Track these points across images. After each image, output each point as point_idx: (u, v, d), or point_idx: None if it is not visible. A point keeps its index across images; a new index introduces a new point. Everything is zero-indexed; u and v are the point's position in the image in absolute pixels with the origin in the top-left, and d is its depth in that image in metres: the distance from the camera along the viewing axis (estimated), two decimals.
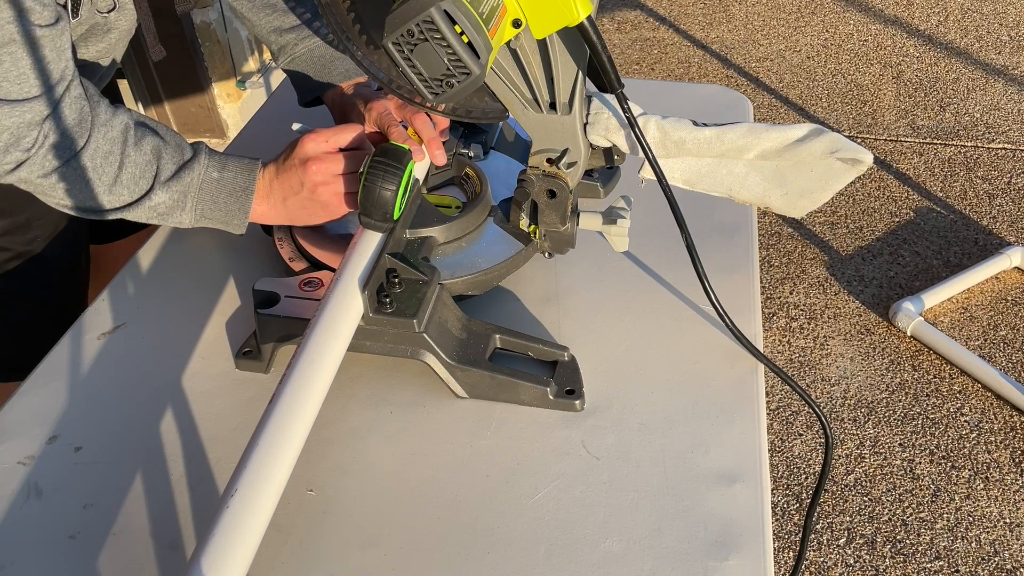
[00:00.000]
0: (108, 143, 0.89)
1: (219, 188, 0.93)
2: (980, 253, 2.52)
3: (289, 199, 0.94)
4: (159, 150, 0.92)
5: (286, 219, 0.96)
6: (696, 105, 1.38)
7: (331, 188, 0.92)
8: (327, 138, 0.93)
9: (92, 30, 0.99)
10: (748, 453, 0.81)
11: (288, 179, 0.93)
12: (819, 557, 1.80)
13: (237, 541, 0.63)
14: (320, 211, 0.94)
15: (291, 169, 0.93)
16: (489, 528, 0.76)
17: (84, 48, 1.00)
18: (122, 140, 0.89)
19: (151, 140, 0.91)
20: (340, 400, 0.87)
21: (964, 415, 2.07)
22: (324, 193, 0.92)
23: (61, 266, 1.16)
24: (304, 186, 0.92)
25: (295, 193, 0.93)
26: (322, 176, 0.92)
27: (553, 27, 0.74)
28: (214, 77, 2.94)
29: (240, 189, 0.94)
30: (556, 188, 0.88)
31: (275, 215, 0.96)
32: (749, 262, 1.04)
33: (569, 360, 0.89)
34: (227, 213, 0.94)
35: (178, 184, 0.92)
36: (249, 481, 0.66)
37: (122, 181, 0.90)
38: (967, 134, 3.03)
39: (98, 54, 1.03)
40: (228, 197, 0.93)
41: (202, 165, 0.93)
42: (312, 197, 0.92)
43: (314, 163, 0.91)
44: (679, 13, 3.91)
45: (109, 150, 0.89)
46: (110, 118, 0.89)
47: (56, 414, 0.87)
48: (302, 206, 0.94)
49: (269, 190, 0.94)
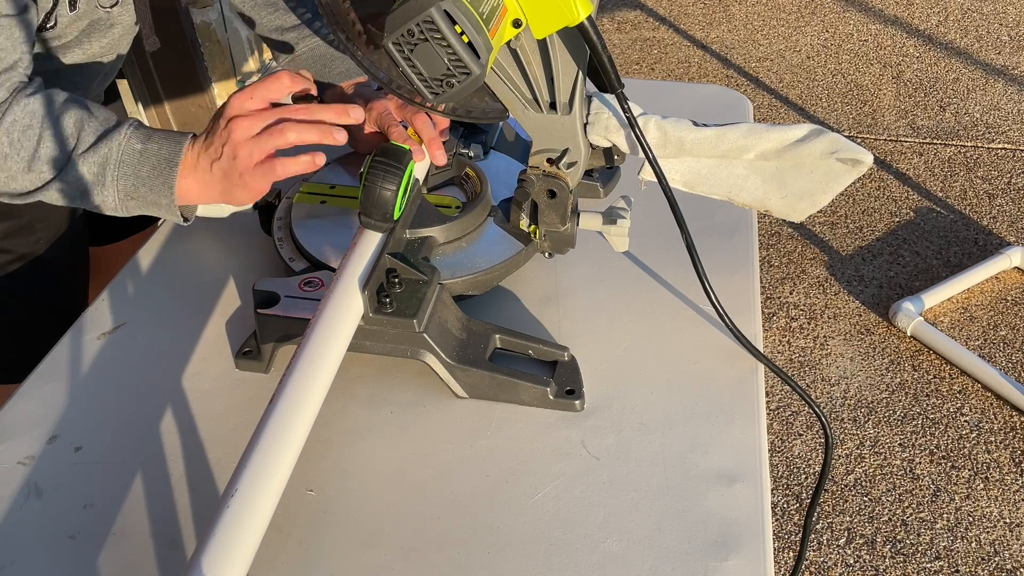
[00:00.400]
0: (27, 116, 0.82)
1: (141, 160, 0.84)
2: (980, 253, 2.52)
3: (215, 167, 0.84)
4: (82, 122, 0.83)
5: (218, 193, 0.86)
6: (696, 105, 1.38)
7: (251, 147, 0.82)
8: (252, 93, 0.83)
9: (94, 25, 0.98)
10: (748, 453, 0.81)
11: (212, 145, 0.84)
12: (819, 557, 1.80)
13: (237, 541, 0.63)
14: (240, 180, 0.84)
15: (213, 132, 0.84)
16: (489, 528, 0.76)
17: (88, 44, 0.99)
18: (43, 113, 0.82)
19: (76, 112, 0.84)
20: (340, 400, 0.87)
21: (964, 415, 2.07)
22: (246, 157, 0.82)
23: (62, 268, 1.16)
24: (226, 148, 0.82)
25: (218, 159, 0.83)
26: (241, 133, 0.82)
27: (553, 27, 0.74)
28: (214, 77, 2.94)
29: (164, 161, 0.84)
30: (556, 188, 0.88)
31: (205, 190, 0.86)
32: (749, 262, 1.04)
33: (569, 360, 0.89)
34: (151, 189, 0.84)
35: (95, 155, 0.83)
36: (249, 481, 0.66)
37: (41, 156, 0.82)
38: (967, 134, 3.03)
39: (102, 50, 1.02)
40: (151, 171, 0.84)
41: (123, 135, 0.84)
42: (234, 162, 0.83)
43: (236, 120, 0.82)
44: (679, 13, 3.91)
45: (28, 123, 0.82)
46: (33, 95, 0.83)
47: (56, 414, 0.87)
48: (226, 174, 0.84)
49: (196, 161, 0.85)
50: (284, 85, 0.84)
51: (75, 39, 0.97)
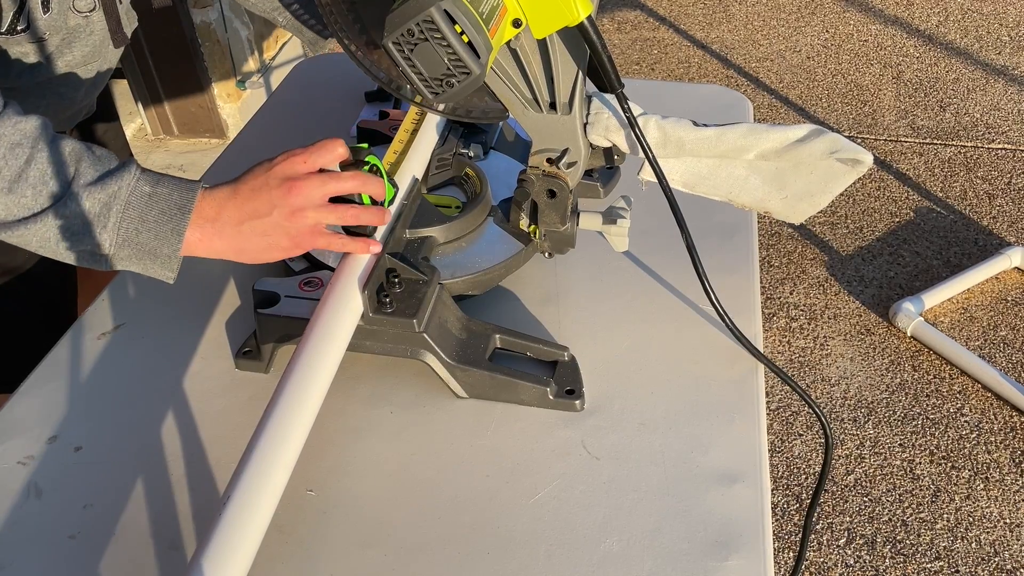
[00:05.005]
0: (18, 134, 0.74)
1: (150, 204, 0.77)
2: (980, 253, 2.52)
3: (248, 223, 0.79)
4: (79, 154, 0.77)
5: (233, 249, 0.80)
6: (696, 105, 1.38)
7: (312, 216, 0.80)
8: (306, 158, 0.80)
9: (74, 33, 0.96)
10: (748, 453, 0.81)
11: (254, 200, 0.79)
12: (819, 557, 1.80)
13: (238, 541, 0.63)
14: (285, 241, 0.80)
15: (261, 190, 0.79)
16: (489, 528, 0.76)
17: (69, 52, 0.97)
18: (36, 135, 0.75)
19: (72, 144, 0.77)
20: (340, 400, 0.87)
21: (964, 415, 2.07)
22: (302, 220, 0.79)
23: (51, 283, 1.15)
24: (277, 210, 0.79)
25: (260, 217, 0.79)
26: (304, 200, 0.79)
27: (553, 27, 0.74)
28: (214, 77, 2.94)
29: (175, 207, 0.78)
30: (556, 188, 0.88)
31: (219, 243, 0.80)
32: (749, 262, 1.04)
33: (569, 360, 0.89)
34: (157, 236, 0.77)
35: (102, 191, 0.76)
36: (249, 481, 0.66)
37: (27, 178, 0.74)
38: (967, 134, 3.03)
39: (84, 57, 1.00)
40: (160, 216, 0.77)
41: (132, 175, 0.78)
42: (286, 223, 0.79)
43: (298, 184, 0.78)
44: (679, 13, 3.91)
45: (18, 141, 0.74)
46: (26, 116, 0.76)
47: (56, 414, 0.87)
48: (266, 232, 0.79)
49: (218, 212, 0.79)
50: (338, 155, 0.82)
51: (56, 48, 0.96)
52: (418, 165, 0.98)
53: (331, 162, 0.82)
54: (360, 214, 0.82)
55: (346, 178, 0.81)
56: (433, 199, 1.01)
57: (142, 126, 3.12)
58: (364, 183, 0.82)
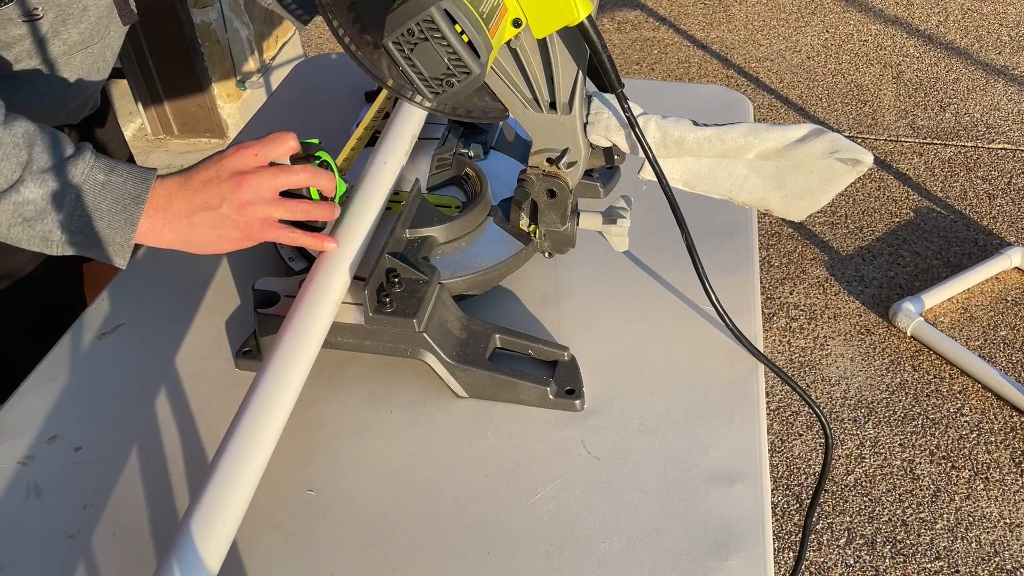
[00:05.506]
0: None
1: (104, 192, 0.77)
2: (980, 253, 2.52)
3: (198, 215, 0.79)
4: (32, 136, 0.76)
5: (182, 240, 0.81)
6: (696, 105, 1.38)
7: (262, 210, 0.80)
8: (256, 151, 0.80)
9: (67, 9, 0.92)
10: (748, 453, 0.81)
11: (204, 192, 0.79)
12: (819, 557, 1.80)
13: (225, 503, 0.65)
14: (235, 232, 0.81)
15: (212, 182, 0.79)
16: (489, 528, 0.76)
17: (65, 31, 0.94)
18: None
19: (24, 124, 0.76)
20: (340, 400, 0.87)
21: (964, 415, 2.07)
22: (251, 214, 0.80)
23: (53, 286, 1.14)
24: (227, 203, 0.79)
25: (210, 209, 0.79)
26: (254, 193, 0.79)
27: (553, 26, 0.74)
28: (214, 77, 2.94)
29: (129, 196, 0.78)
30: (556, 188, 0.88)
31: (168, 234, 0.80)
32: (749, 262, 1.04)
33: (569, 360, 0.89)
34: (109, 225, 0.78)
35: (55, 179, 0.75)
36: (239, 443, 0.68)
37: None
38: (967, 134, 3.03)
39: (81, 37, 0.96)
40: (113, 205, 0.77)
41: (87, 162, 0.77)
42: (236, 216, 0.79)
43: (248, 178, 0.79)
44: (679, 13, 3.91)
45: None
46: None
47: (56, 414, 0.87)
48: (215, 225, 0.80)
49: (168, 202, 0.79)
50: (289, 148, 0.82)
51: (51, 28, 0.92)
52: (389, 176, 0.93)
53: (282, 155, 0.82)
54: (310, 209, 0.83)
55: (296, 172, 0.81)
56: (433, 199, 1.01)
57: (142, 126, 3.12)
58: (314, 177, 0.82)
